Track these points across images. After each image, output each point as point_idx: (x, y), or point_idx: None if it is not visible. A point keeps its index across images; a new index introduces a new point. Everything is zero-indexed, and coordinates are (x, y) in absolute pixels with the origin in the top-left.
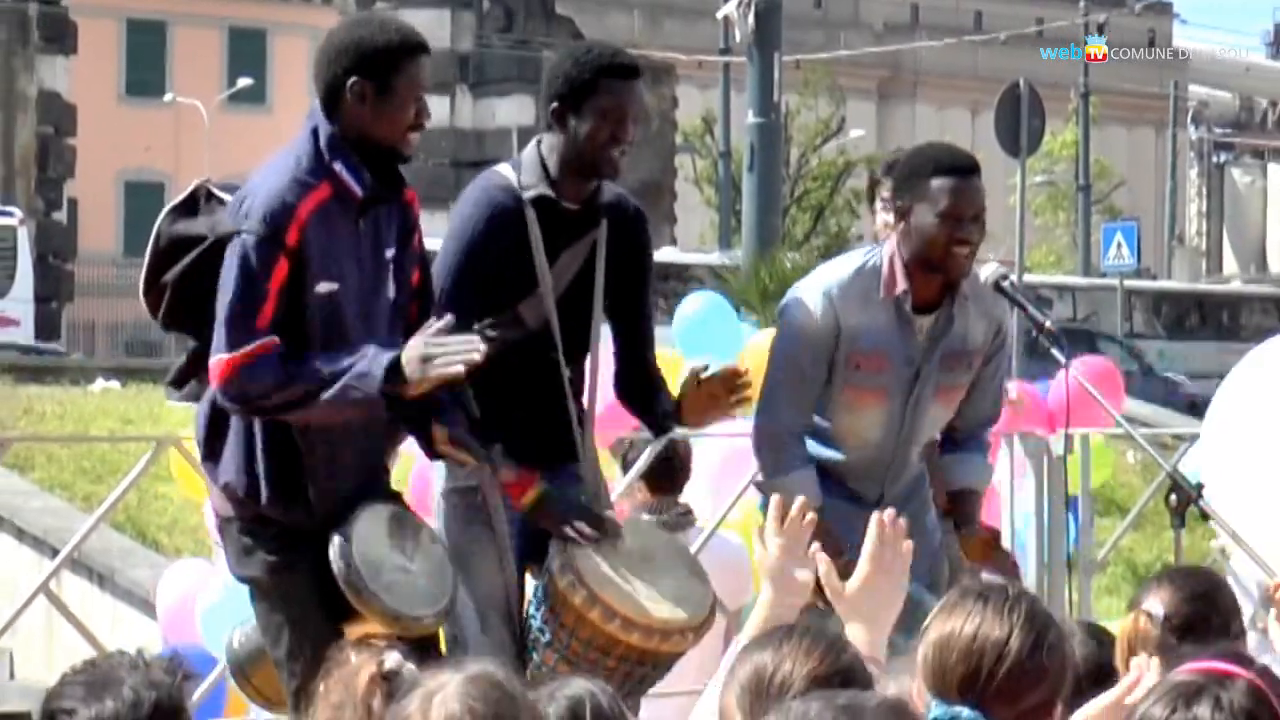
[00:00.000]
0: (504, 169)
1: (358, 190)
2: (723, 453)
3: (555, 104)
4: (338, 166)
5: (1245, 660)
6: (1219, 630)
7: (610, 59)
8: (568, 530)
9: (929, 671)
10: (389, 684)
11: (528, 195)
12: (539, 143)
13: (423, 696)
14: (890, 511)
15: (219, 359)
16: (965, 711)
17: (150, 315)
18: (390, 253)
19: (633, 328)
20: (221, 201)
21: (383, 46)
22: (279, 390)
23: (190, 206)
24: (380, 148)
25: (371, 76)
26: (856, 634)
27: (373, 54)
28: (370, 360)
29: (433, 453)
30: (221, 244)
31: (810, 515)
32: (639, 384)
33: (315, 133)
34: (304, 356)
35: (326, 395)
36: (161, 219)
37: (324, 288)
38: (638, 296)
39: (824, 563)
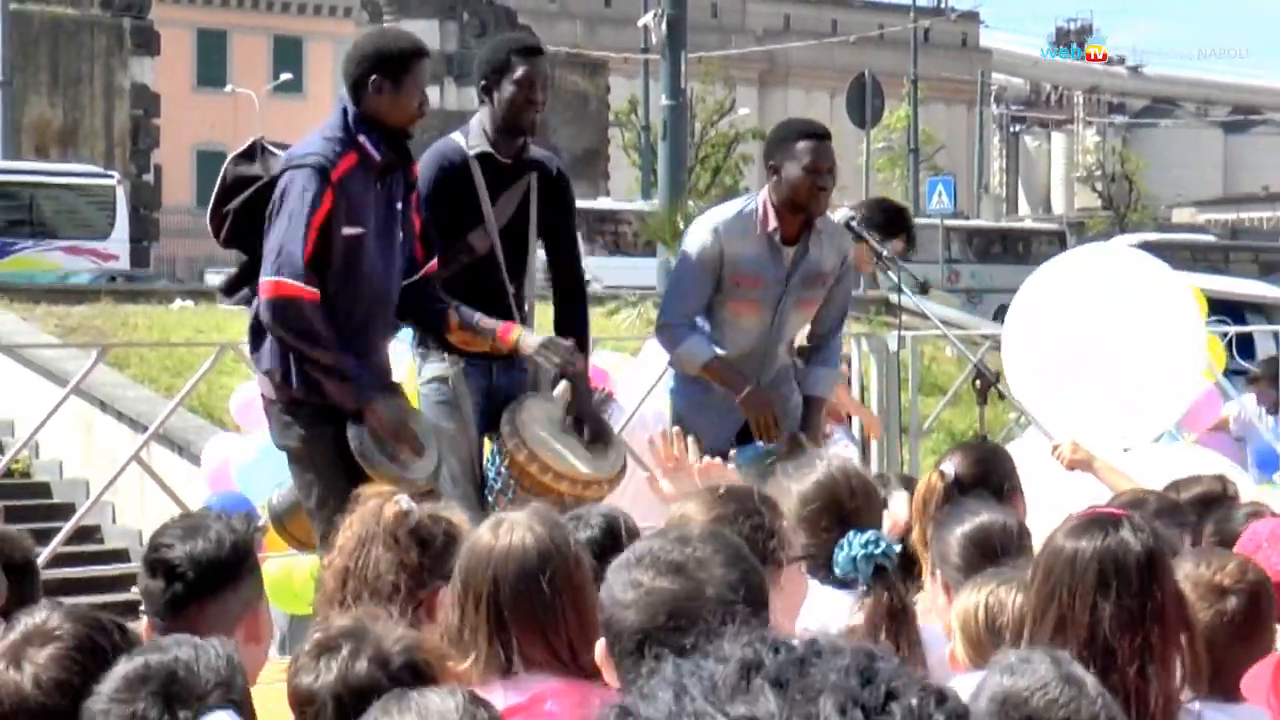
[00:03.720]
0: (455, 135)
1: (377, 157)
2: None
3: (483, 82)
4: (362, 139)
5: (1121, 512)
6: (995, 485)
7: (517, 42)
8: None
9: (821, 514)
10: (406, 517)
11: (472, 152)
12: (478, 116)
13: (493, 524)
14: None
15: (273, 279)
16: (880, 533)
17: (213, 237)
18: (399, 206)
19: (561, 259)
20: (273, 154)
21: (396, 52)
22: (310, 337)
23: (249, 155)
24: (392, 128)
25: (388, 74)
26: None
27: (389, 57)
28: (366, 384)
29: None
30: (273, 183)
31: (690, 441)
32: (565, 293)
33: (345, 112)
34: (332, 329)
35: (323, 366)
36: (227, 163)
37: (349, 231)
38: (563, 227)
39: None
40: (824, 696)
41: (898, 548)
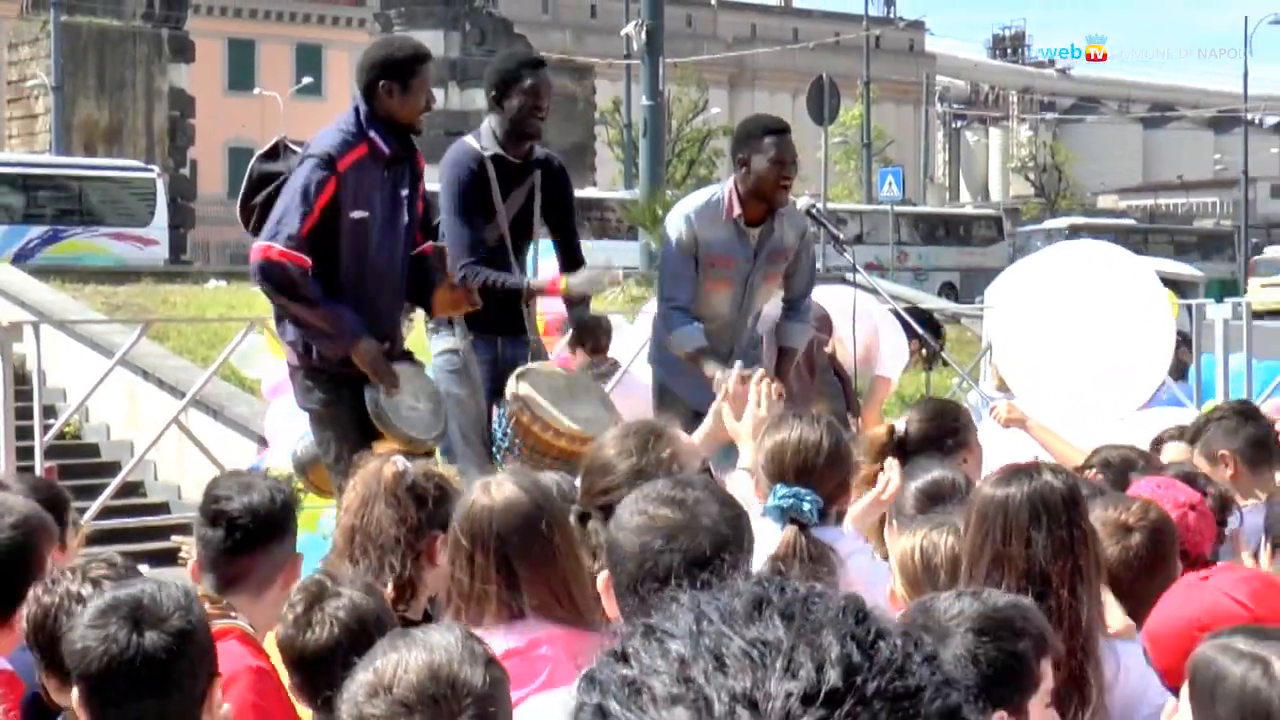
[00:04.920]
0: (469, 139)
1: (386, 150)
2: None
3: (494, 93)
4: (372, 134)
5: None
6: (944, 438)
7: (525, 56)
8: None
9: (771, 466)
10: (402, 477)
11: (486, 154)
12: (488, 121)
13: (482, 486)
14: (759, 372)
15: (263, 243)
16: (801, 489)
17: (243, 226)
18: (404, 193)
19: (565, 239)
20: (294, 151)
21: (402, 59)
22: (293, 296)
23: (272, 154)
24: (402, 124)
25: (396, 79)
26: (745, 450)
27: (396, 64)
28: (353, 326)
29: (432, 315)
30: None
31: (754, 380)
32: (569, 262)
33: (357, 110)
34: (321, 289)
35: (308, 310)
36: (253, 161)
37: (356, 214)
38: (567, 218)
39: (726, 411)
40: (826, 629)
41: (807, 507)
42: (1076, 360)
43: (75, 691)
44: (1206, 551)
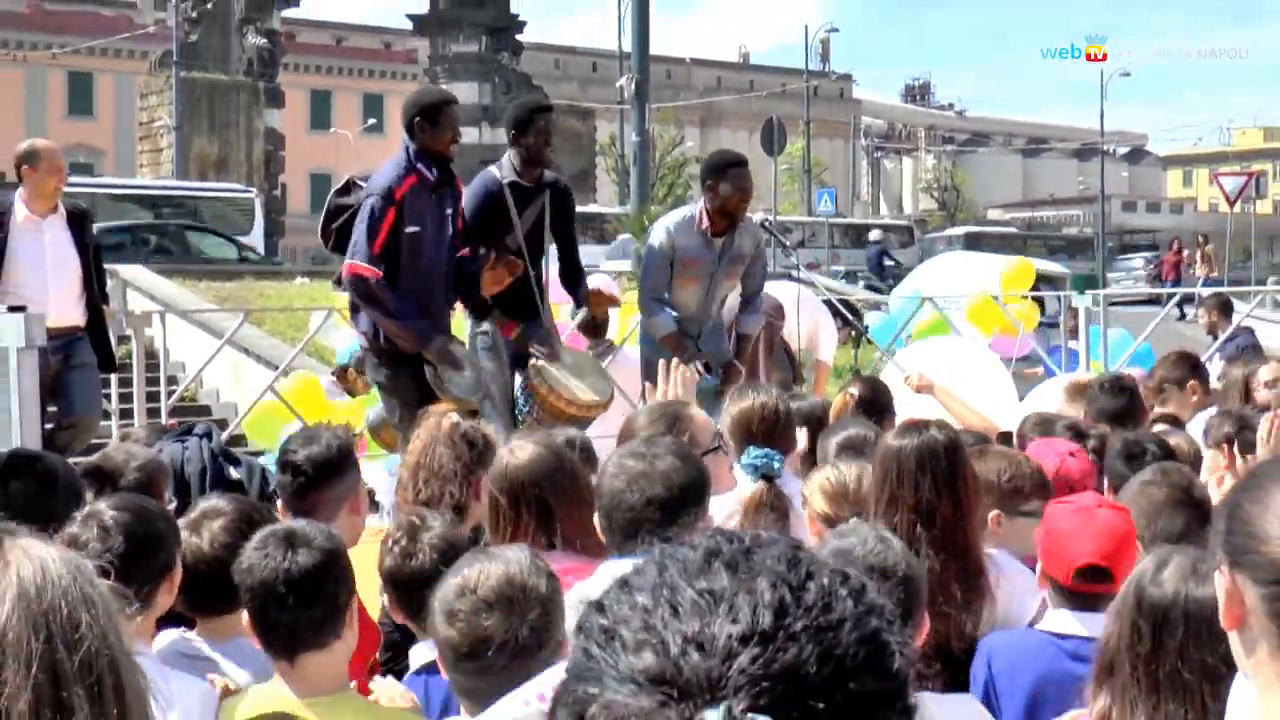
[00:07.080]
0: (493, 169)
1: (430, 178)
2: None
3: (513, 132)
4: (420, 166)
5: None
6: (884, 405)
7: (536, 103)
8: (532, 348)
9: (739, 429)
10: (457, 426)
11: (505, 181)
12: (508, 154)
13: (508, 450)
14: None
15: (349, 263)
16: (770, 451)
17: (324, 245)
18: (448, 211)
19: (565, 245)
20: (360, 186)
21: (430, 103)
22: (373, 305)
23: (345, 189)
24: (437, 155)
25: (427, 118)
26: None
27: (427, 107)
28: (425, 329)
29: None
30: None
31: (690, 372)
32: (569, 276)
33: (407, 149)
34: (398, 291)
35: (390, 320)
36: (330, 195)
37: (411, 230)
38: (568, 230)
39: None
40: (760, 576)
41: (777, 465)
42: (964, 351)
43: (244, 602)
44: (1090, 486)
